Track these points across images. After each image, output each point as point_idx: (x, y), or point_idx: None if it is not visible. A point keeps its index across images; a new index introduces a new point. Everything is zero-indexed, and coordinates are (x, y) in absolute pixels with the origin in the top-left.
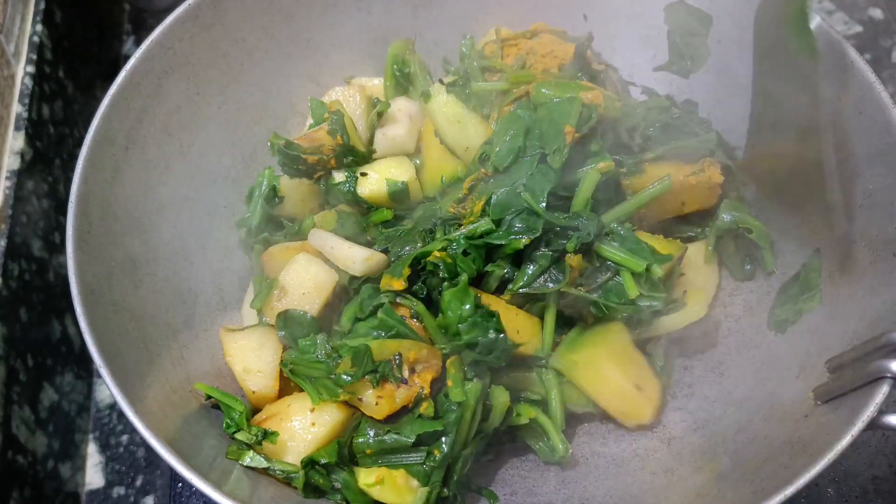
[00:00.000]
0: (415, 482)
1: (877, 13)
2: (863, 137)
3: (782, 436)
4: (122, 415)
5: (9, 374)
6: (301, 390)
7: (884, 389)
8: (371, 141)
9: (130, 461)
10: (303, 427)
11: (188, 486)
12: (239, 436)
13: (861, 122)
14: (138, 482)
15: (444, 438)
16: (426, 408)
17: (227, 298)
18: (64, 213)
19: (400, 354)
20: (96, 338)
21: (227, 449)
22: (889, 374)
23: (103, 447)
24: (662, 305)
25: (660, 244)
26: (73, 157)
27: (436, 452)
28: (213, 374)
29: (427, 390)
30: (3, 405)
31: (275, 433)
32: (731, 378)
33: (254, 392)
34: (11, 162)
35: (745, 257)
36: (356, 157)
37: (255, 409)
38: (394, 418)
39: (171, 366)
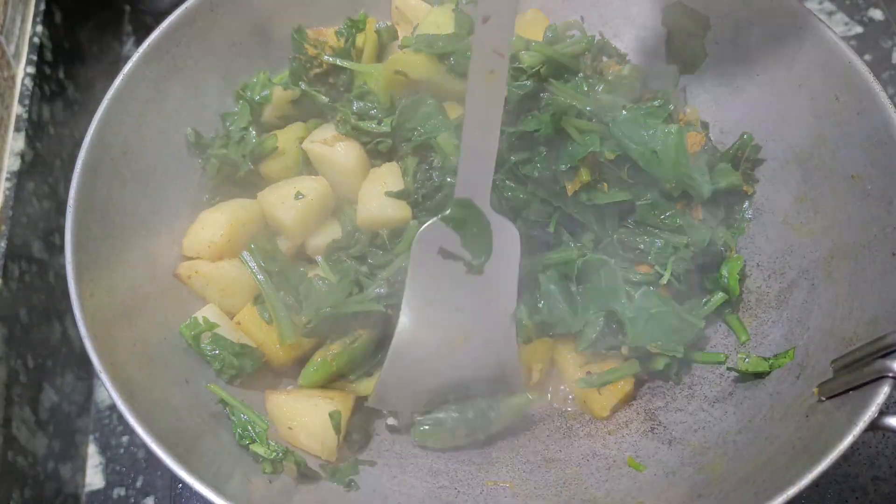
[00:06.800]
0: None
1: (877, 14)
2: (862, 138)
3: (783, 436)
4: (122, 416)
5: (9, 376)
6: None
7: (885, 390)
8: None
9: (131, 462)
10: None
11: (188, 487)
12: (256, 448)
13: (861, 122)
14: (139, 483)
15: None
16: None
17: None
18: (64, 214)
19: None
20: (95, 340)
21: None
22: (890, 374)
23: (104, 448)
24: None
25: None
26: (74, 159)
27: None
28: (214, 378)
29: None
30: (4, 406)
31: (292, 453)
32: (730, 378)
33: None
34: (11, 163)
35: None
36: (344, 79)
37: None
38: None
39: (171, 368)
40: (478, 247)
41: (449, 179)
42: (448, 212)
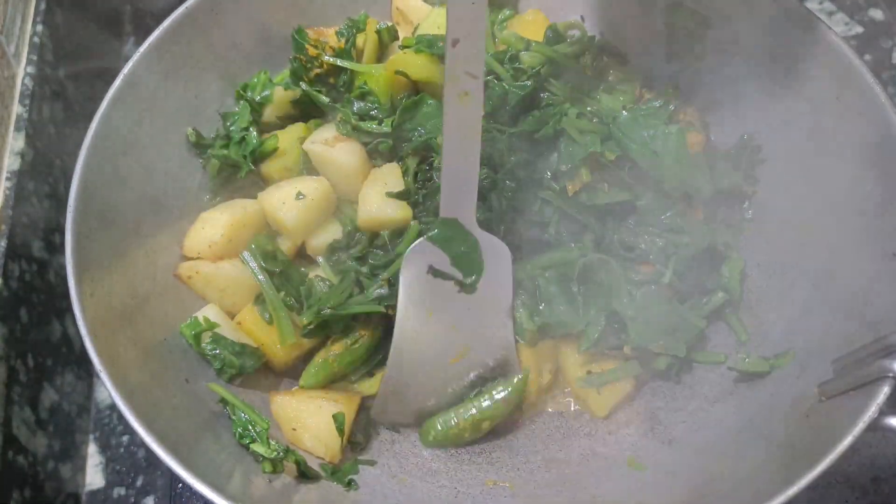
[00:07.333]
0: None
1: (877, 14)
2: (862, 138)
3: (783, 436)
4: (122, 415)
5: (9, 375)
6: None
7: (885, 390)
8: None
9: (131, 462)
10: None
11: (188, 486)
12: (257, 448)
13: (861, 122)
14: (139, 483)
15: None
16: None
17: None
18: (64, 213)
19: None
20: (95, 340)
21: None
22: (891, 375)
23: (104, 448)
24: None
25: None
26: (74, 158)
27: None
28: (215, 378)
29: None
30: (4, 406)
31: (293, 452)
32: (730, 378)
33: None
34: (12, 162)
35: None
36: (345, 80)
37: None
38: None
39: (171, 367)
40: (468, 265)
41: None
42: (434, 232)
